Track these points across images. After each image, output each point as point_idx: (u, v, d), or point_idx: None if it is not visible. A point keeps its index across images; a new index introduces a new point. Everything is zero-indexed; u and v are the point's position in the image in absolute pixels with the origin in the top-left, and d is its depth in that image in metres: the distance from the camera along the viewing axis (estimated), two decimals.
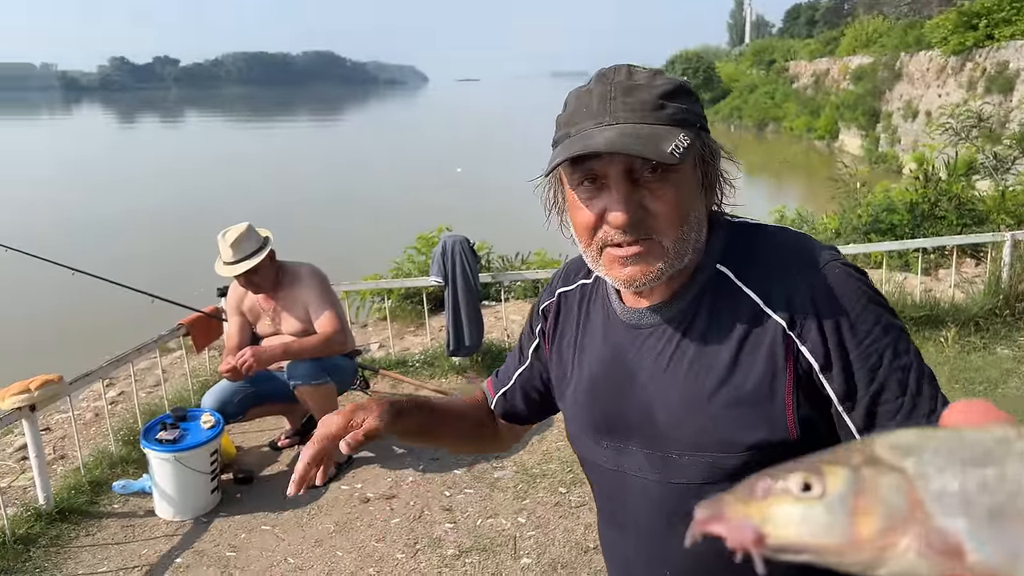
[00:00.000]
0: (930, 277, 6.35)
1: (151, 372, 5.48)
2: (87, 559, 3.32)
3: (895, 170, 19.14)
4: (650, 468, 1.12)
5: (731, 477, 1.06)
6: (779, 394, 1.02)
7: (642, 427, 1.12)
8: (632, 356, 1.14)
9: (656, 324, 1.12)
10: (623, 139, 0.97)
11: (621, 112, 1.00)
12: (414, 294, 6.43)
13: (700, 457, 1.07)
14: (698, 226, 1.05)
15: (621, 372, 1.15)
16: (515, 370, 1.38)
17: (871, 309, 1.02)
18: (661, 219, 1.01)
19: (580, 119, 1.02)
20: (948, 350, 4.96)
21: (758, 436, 1.03)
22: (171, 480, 3.57)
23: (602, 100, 1.01)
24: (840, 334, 1.01)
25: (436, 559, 3.23)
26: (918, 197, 6.96)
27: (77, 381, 3.77)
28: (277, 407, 4.22)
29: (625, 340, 1.15)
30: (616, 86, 1.02)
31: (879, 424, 1.00)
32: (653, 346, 1.11)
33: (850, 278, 1.04)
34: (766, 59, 41.71)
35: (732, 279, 1.07)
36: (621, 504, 1.19)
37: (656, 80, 1.03)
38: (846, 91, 27.37)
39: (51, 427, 4.70)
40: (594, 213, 1.03)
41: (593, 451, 1.21)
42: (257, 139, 43.87)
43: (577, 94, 1.06)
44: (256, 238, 3.84)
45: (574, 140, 1.01)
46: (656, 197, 1.01)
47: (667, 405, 1.09)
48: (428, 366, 5.25)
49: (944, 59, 19.68)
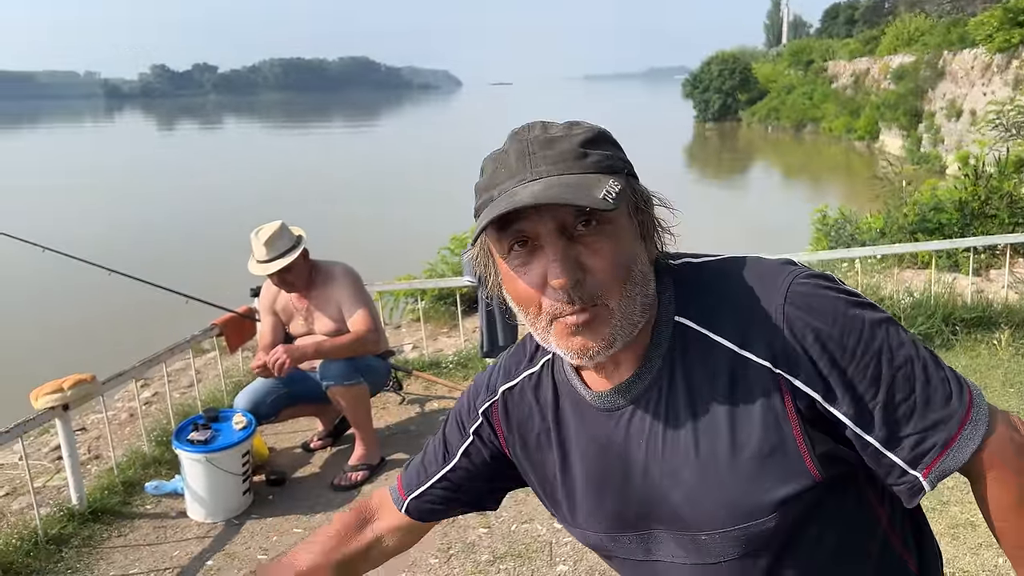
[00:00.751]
0: (981, 278, 6.12)
1: (185, 373, 5.49)
2: (119, 560, 3.29)
3: (938, 171, 18.71)
4: (683, 553, 1.04)
5: (767, 543, 0.98)
6: (789, 439, 0.94)
7: (661, 515, 1.03)
8: (620, 442, 1.03)
9: (634, 401, 1.02)
10: (550, 191, 0.89)
11: (543, 165, 0.93)
12: (447, 295, 6.37)
13: (730, 532, 0.98)
14: (643, 281, 0.96)
15: (617, 464, 1.04)
16: (438, 469, 1.24)
17: (851, 315, 0.94)
18: (601, 276, 0.92)
19: (500, 180, 0.95)
20: (1002, 353, 4.76)
21: (784, 492, 0.95)
22: (202, 481, 3.53)
23: (520, 157, 0.94)
24: (830, 354, 0.93)
25: (470, 564, 3.15)
26: (968, 195, 6.73)
27: (110, 381, 3.76)
28: (310, 408, 4.18)
29: (607, 428, 1.04)
30: (533, 141, 0.95)
31: (901, 429, 0.93)
32: (639, 427, 1.02)
33: (818, 289, 0.96)
34: (804, 59, 41.16)
35: (697, 329, 0.98)
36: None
37: (573, 130, 0.96)
38: (887, 91, 26.88)
39: (87, 427, 4.71)
40: (534, 281, 0.94)
41: (618, 548, 1.10)
42: (293, 143, 44.38)
43: (493, 157, 0.99)
44: (289, 236, 3.79)
45: (498, 201, 0.92)
46: (593, 252, 0.92)
47: (681, 486, 0.99)
48: (462, 367, 5.18)
49: (989, 57, 19.19)
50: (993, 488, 0.95)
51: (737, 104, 42.97)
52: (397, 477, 1.31)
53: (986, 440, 0.94)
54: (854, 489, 1.01)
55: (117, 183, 24.47)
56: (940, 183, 7.57)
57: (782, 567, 1.00)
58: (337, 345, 3.74)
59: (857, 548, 1.02)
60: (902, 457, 0.94)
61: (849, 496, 1.00)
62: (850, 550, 1.01)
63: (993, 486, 0.95)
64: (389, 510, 1.29)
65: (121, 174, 27.36)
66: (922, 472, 0.94)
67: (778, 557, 0.99)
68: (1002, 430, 0.95)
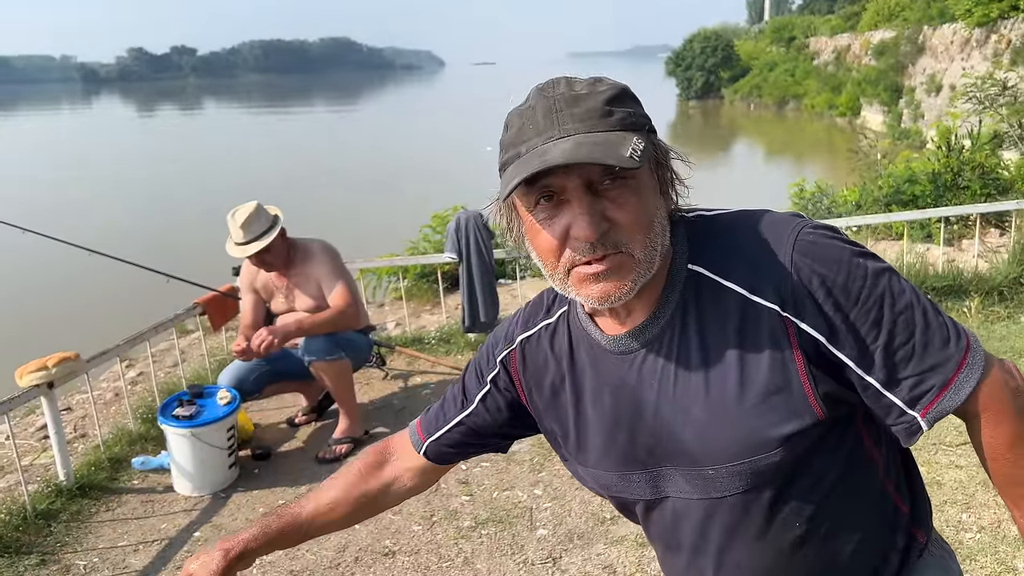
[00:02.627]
0: (953, 248, 6.24)
1: (169, 352, 5.52)
2: (107, 533, 3.35)
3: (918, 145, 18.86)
4: (690, 488, 1.09)
5: (771, 477, 1.04)
6: (794, 379, 1.00)
7: (672, 452, 1.09)
8: (633, 384, 1.09)
9: (647, 344, 1.07)
10: (581, 149, 0.93)
11: (570, 123, 0.96)
12: (430, 272, 6.43)
13: (736, 466, 1.04)
14: (662, 231, 1.02)
15: (629, 404, 1.10)
16: (456, 414, 1.30)
17: (856, 263, 1.00)
18: (627, 228, 0.97)
19: (528, 136, 0.98)
20: (971, 320, 4.88)
21: (788, 428, 1.01)
22: (188, 455, 3.59)
23: (548, 114, 0.98)
24: (835, 299, 0.99)
25: (452, 530, 3.23)
26: (940, 167, 6.83)
27: (94, 359, 3.80)
28: (294, 384, 4.24)
29: (621, 371, 1.10)
30: (559, 99, 0.98)
31: (900, 371, 0.99)
32: (652, 368, 1.07)
33: (824, 239, 1.02)
34: (786, 36, 41.18)
35: (709, 276, 1.04)
36: (673, 528, 1.15)
37: (598, 87, 1.00)
38: (868, 67, 26.99)
39: (72, 407, 4.75)
40: (557, 233, 0.99)
41: (628, 488, 1.16)
42: (274, 125, 44.03)
43: (519, 113, 1.02)
44: (266, 217, 3.82)
45: (527, 158, 0.96)
46: (618, 206, 0.97)
47: (691, 423, 1.05)
48: (444, 343, 5.25)
49: (968, 31, 19.31)
50: (987, 429, 1.01)
51: (720, 82, 42.98)
52: (416, 421, 1.38)
53: (981, 383, 0.99)
54: (853, 431, 1.07)
55: (96, 167, 24.26)
56: (915, 156, 7.66)
57: (783, 501, 1.06)
58: (318, 321, 3.79)
59: (854, 487, 1.08)
60: (901, 398, 0.99)
61: (849, 437, 1.07)
62: (848, 489, 1.07)
63: (987, 427, 1.01)
64: (408, 452, 1.35)
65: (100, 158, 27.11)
66: (920, 412, 0.99)
67: (780, 491, 1.05)
68: (996, 374, 1.01)
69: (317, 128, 39.79)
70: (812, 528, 1.07)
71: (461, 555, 3.07)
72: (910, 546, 1.16)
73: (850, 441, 1.07)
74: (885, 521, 1.13)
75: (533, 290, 6.27)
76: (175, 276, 4.52)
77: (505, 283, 6.39)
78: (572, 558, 2.99)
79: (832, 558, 1.10)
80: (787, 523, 1.07)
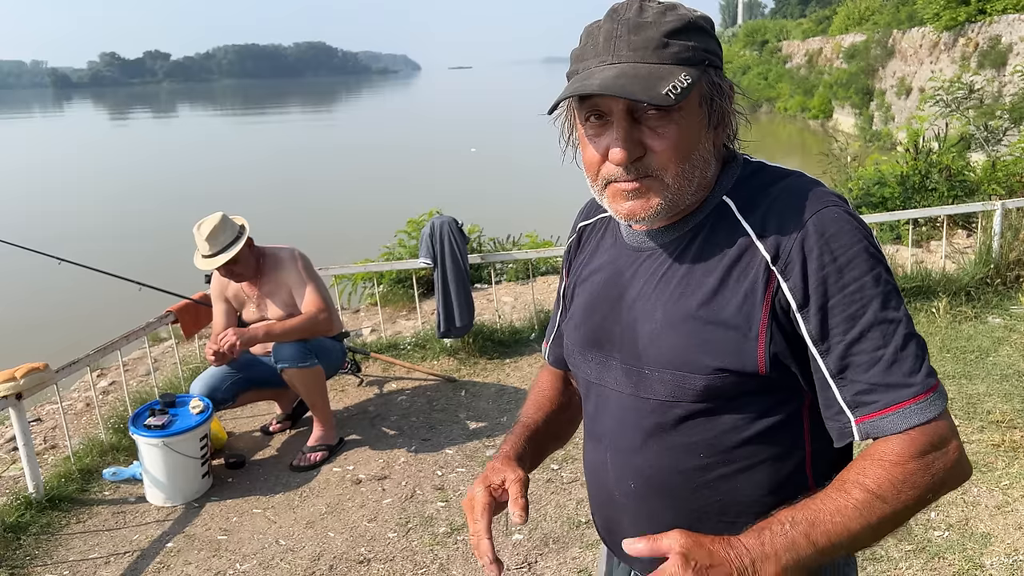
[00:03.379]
0: (921, 249, 6.33)
1: (142, 361, 5.46)
2: (78, 546, 3.31)
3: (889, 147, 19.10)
4: (626, 382, 1.15)
5: (693, 400, 1.08)
6: (754, 326, 1.03)
7: (624, 342, 1.15)
8: (628, 275, 1.17)
9: (656, 247, 1.14)
10: (618, 81, 0.98)
11: (625, 51, 1.01)
12: (405, 278, 6.41)
13: (669, 374, 1.09)
14: (703, 164, 1.07)
15: (615, 290, 1.18)
16: (556, 316, 1.41)
17: (864, 258, 1.01)
18: (661, 156, 1.03)
19: (587, 56, 1.05)
20: (940, 320, 4.95)
21: (725, 362, 1.04)
22: (161, 465, 3.55)
23: (608, 38, 1.02)
24: (824, 275, 1.00)
25: (428, 537, 3.23)
26: (909, 170, 6.93)
27: (64, 369, 3.75)
28: (267, 392, 4.21)
29: (626, 261, 1.18)
30: (623, 23, 1.02)
31: (855, 371, 1.00)
32: (648, 267, 1.14)
33: (848, 223, 1.03)
34: (759, 39, 41.54)
35: (734, 211, 1.09)
36: (600, 417, 1.22)
37: (666, 17, 1.03)
38: (839, 70, 27.27)
39: (42, 418, 4.68)
40: (598, 150, 1.05)
41: (580, 365, 1.24)
42: (249, 131, 43.70)
43: (589, 30, 1.07)
44: (232, 227, 3.78)
45: (579, 78, 1.03)
46: (657, 135, 1.02)
47: (650, 322, 1.11)
48: (420, 348, 5.24)
49: (937, 35, 19.58)
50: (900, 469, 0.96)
51: None
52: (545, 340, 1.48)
53: (928, 424, 0.96)
54: (793, 411, 1.09)
55: (66, 173, 23.93)
56: (883, 158, 7.76)
57: (695, 427, 1.10)
58: (288, 328, 3.77)
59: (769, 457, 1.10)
60: (844, 396, 1.00)
61: (785, 412, 1.09)
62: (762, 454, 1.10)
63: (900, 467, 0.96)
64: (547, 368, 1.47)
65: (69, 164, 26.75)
66: (857, 418, 0.99)
67: (696, 416, 1.10)
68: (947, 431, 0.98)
69: (291, 133, 39.53)
70: (714, 465, 1.11)
71: (436, 562, 3.07)
72: None
73: (785, 414, 1.09)
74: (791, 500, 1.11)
75: (509, 294, 6.28)
76: (147, 284, 4.49)
77: (481, 288, 6.39)
78: (547, 562, 3.00)
79: (726, 503, 1.12)
80: (693, 448, 1.11)
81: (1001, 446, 3.50)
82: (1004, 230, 5.38)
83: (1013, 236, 5.40)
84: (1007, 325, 4.86)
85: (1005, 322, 4.91)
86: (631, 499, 1.18)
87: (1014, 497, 3.14)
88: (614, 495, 1.21)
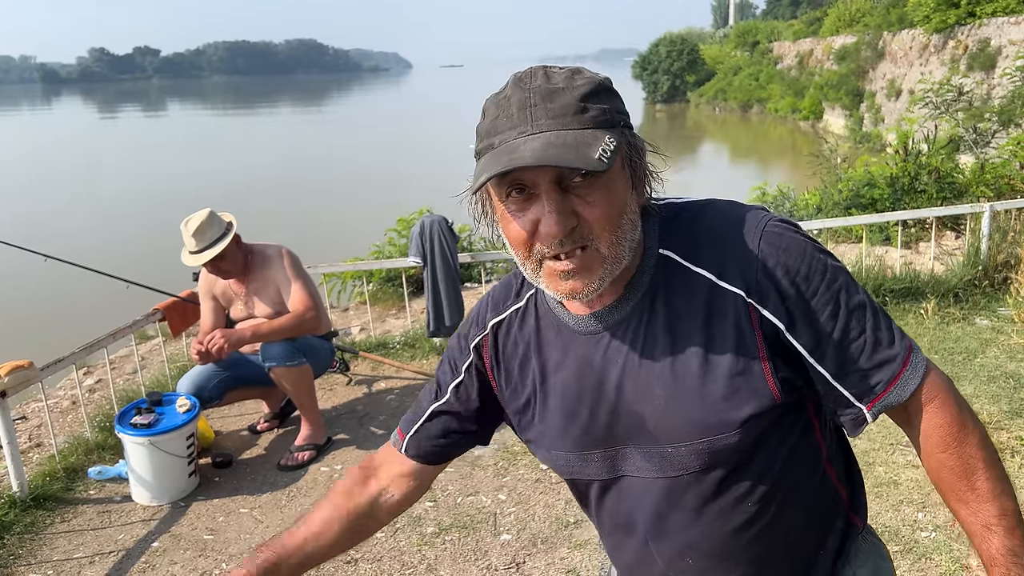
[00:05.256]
0: (910, 250, 6.36)
1: (129, 359, 5.43)
2: (62, 545, 3.28)
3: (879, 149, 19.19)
4: (648, 467, 1.11)
5: (728, 457, 1.07)
6: (755, 363, 1.03)
7: (631, 430, 1.10)
8: (599, 361, 1.10)
9: (614, 325, 1.09)
10: (550, 151, 0.93)
11: (543, 119, 0.96)
12: (395, 276, 6.39)
13: (695, 445, 1.06)
14: (632, 226, 1.03)
15: (592, 383, 1.11)
16: (429, 407, 1.28)
17: (817, 258, 1.04)
18: (594, 225, 0.98)
19: (502, 128, 0.98)
20: (928, 322, 4.97)
21: (748, 410, 1.03)
22: (147, 464, 3.53)
23: (522, 108, 0.97)
24: (797, 289, 1.02)
25: (416, 537, 3.22)
26: (898, 171, 6.96)
27: (49, 367, 3.72)
28: (255, 391, 4.18)
29: (587, 349, 1.11)
30: (535, 92, 0.98)
31: (850, 365, 1.03)
32: (618, 348, 1.08)
33: (788, 232, 1.06)
34: (750, 40, 41.71)
35: (680, 261, 1.07)
36: (625, 509, 1.16)
37: (576, 81, 0.99)
38: (830, 71, 27.41)
39: (27, 416, 4.65)
40: (527, 226, 0.99)
41: (584, 469, 1.16)
42: (238, 127, 43.54)
43: (496, 102, 1.02)
44: (219, 224, 3.76)
45: (499, 152, 0.97)
46: (587, 203, 0.98)
47: (653, 401, 1.07)
48: (409, 347, 5.22)
49: (927, 37, 19.70)
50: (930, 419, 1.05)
51: (685, 85, 43.37)
52: (397, 428, 1.34)
53: (924, 380, 1.05)
54: (804, 415, 1.11)
55: (53, 169, 23.77)
56: (873, 160, 7.79)
57: (738, 480, 1.09)
58: (275, 327, 3.74)
59: (802, 470, 1.12)
60: (849, 390, 1.04)
61: (800, 420, 1.10)
62: (796, 470, 1.11)
63: (930, 418, 1.05)
64: (392, 458, 1.31)
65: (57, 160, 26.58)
66: (867, 405, 1.04)
67: (736, 470, 1.08)
68: (935, 373, 1.07)
69: (282, 131, 39.41)
70: (763, 507, 1.10)
71: (424, 562, 3.05)
72: (848, 530, 1.21)
73: (801, 424, 1.11)
74: (827, 504, 1.17)
75: None
76: (135, 282, 4.45)
77: (470, 287, 6.38)
78: (536, 563, 2.99)
79: (780, 537, 1.13)
80: (740, 502, 1.10)
81: None
82: (992, 232, 5.40)
83: (1001, 238, 5.42)
84: (994, 327, 4.88)
85: (993, 324, 4.93)
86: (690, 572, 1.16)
87: None
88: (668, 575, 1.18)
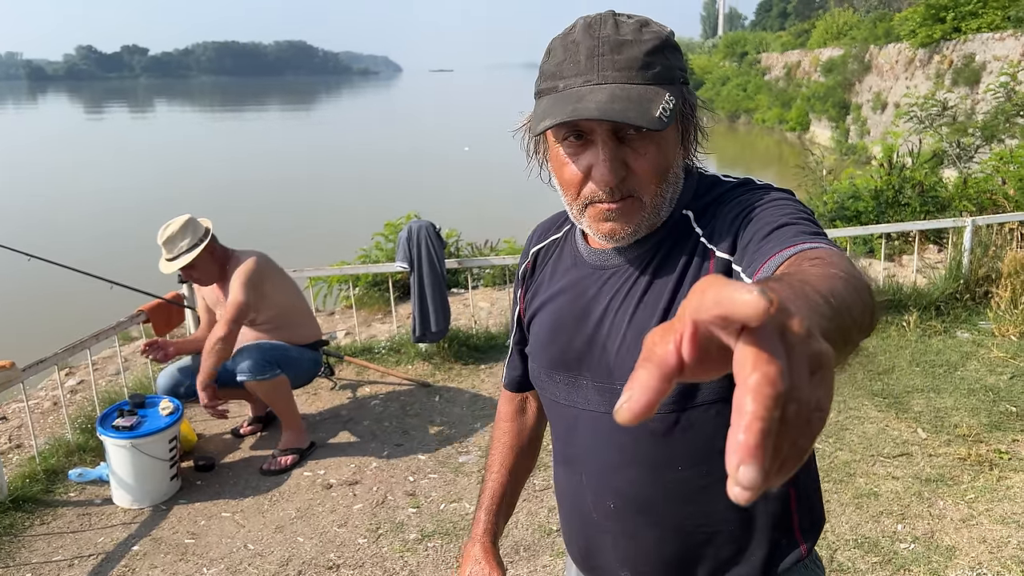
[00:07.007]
0: (894, 263, 6.42)
1: (112, 361, 5.39)
2: (41, 548, 3.25)
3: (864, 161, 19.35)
4: (599, 400, 1.14)
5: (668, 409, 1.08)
6: None
7: (593, 361, 1.14)
8: (593, 294, 1.15)
9: (619, 264, 1.14)
10: (615, 104, 0.96)
11: (610, 71, 0.99)
12: (381, 281, 6.38)
13: None
14: (675, 181, 1.08)
15: (580, 309, 1.16)
16: (511, 339, 1.40)
17: (772, 195, 1.05)
18: (642, 177, 1.03)
19: (567, 73, 1.02)
20: (910, 334, 5.02)
21: None
22: (128, 467, 3.50)
23: (590, 56, 1.00)
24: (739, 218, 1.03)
25: (398, 543, 3.21)
26: (883, 184, 7.02)
27: (31, 368, 3.69)
28: (237, 392, 4.14)
29: (589, 280, 1.17)
30: (604, 41, 1.00)
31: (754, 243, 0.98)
32: (613, 284, 1.13)
33: (766, 186, 1.08)
34: (738, 51, 41.93)
35: (692, 223, 1.10)
36: (571, 439, 1.21)
37: (643, 35, 1.02)
38: (817, 83, 27.59)
39: (7, 416, 4.60)
40: (580, 170, 1.04)
41: (548, 387, 1.23)
42: (226, 128, 43.34)
43: (564, 44, 1.04)
44: (194, 231, 3.73)
45: (564, 97, 1.00)
46: (639, 156, 1.02)
47: (618, 339, 1.10)
48: (394, 352, 5.22)
49: (912, 51, 19.87)
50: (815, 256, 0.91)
51: None
52: None
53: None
54: None
55: (36, 168, 23.56)
56: (858, 173, 7.86)
57: (673, 436, 1.10)
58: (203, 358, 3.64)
59: None
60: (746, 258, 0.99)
61: None
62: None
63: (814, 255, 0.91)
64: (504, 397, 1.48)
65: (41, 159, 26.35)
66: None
67: (674, 426, 1.10)
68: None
69: (270, 133, 39.24)
70: (694, 474, 1.11)
71: (406, 568, 3.05)
72: (789, 547, 1.16)
73: None
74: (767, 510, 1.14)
75: (485, 300, 6.27)
76: (119, 282, 4.42)
77: (458, 292, 6.38)
78: (518, 570, 3.00)
79: (703, 515, 1.13)
80: (672, 461, 1.11)
81: (967, 460, 3.55)
82: (974, 246, 5.46)
83: (983, 252, 5.48)
84: (975, 340, 4.93)
85: (973, 337, 4.98)
86: (611, 519, 1.18)
87: (979, 511, 3.18)
88: (592, 517, 1.21)
